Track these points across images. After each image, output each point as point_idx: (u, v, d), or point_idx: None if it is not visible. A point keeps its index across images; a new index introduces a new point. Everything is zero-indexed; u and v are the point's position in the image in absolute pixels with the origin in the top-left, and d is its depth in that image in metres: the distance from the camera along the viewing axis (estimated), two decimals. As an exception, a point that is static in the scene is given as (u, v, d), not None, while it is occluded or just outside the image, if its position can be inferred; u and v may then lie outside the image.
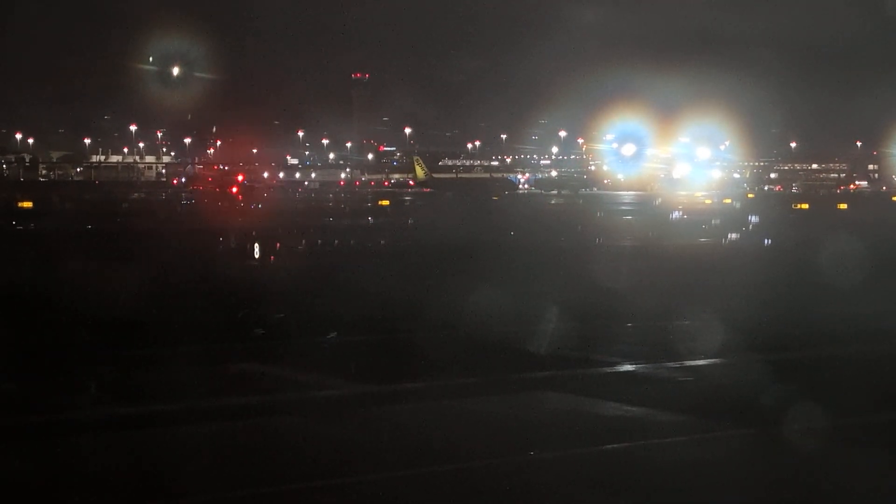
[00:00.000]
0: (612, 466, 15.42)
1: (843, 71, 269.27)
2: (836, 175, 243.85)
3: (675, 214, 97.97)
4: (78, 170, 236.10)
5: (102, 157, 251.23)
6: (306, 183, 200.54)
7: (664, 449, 16.37)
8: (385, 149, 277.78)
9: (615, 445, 16.47)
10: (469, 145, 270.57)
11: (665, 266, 46.43)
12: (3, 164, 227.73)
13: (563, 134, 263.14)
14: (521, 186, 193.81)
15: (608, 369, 22.63)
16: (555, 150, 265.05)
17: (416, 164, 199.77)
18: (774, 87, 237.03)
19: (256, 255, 52.74)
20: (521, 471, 15.00)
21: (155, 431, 17.13)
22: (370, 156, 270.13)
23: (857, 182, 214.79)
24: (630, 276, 40.94)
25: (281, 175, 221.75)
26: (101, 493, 14.13)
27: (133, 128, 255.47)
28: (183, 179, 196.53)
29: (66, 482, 14.61)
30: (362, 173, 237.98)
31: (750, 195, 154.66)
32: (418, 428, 17.42)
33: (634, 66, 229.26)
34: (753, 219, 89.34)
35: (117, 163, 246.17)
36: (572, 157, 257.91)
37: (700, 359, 23.39)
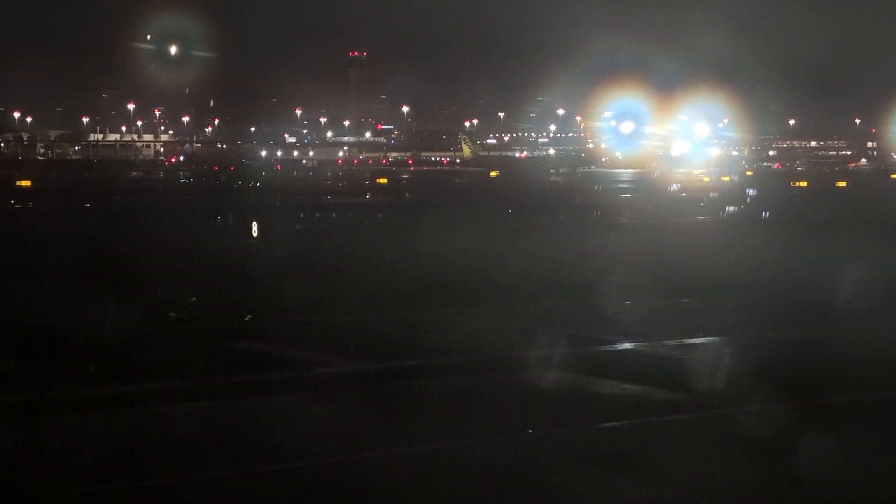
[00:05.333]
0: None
1: (839, 47, 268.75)
2: (836, 153, 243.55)
3: (673, 188, 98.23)
4: (76, 148, 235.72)
5: (100, 136, 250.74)
6: (304, 161, 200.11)
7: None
8: (382, 127, 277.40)
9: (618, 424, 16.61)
10: (466, 123, 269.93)
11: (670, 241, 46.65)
12: (1, 143, 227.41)
13: (561, 112, 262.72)
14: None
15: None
16: (553, 127, 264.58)
17: (463, 142, 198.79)
18: (773, 62, 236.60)
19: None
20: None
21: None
22: (368, 134, 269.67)
23: (858, 160, 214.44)
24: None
25: (279, 153, 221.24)
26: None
27: (131, 106, 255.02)
28: (181, 158, 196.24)
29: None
30: (360, 151, 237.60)
31: (749, 172, 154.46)
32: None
33: (633, 42, 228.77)
34: (750, 194, 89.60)
35: (115, 141, 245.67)
36: (570, 134, 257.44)
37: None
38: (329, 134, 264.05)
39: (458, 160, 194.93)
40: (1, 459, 14.50)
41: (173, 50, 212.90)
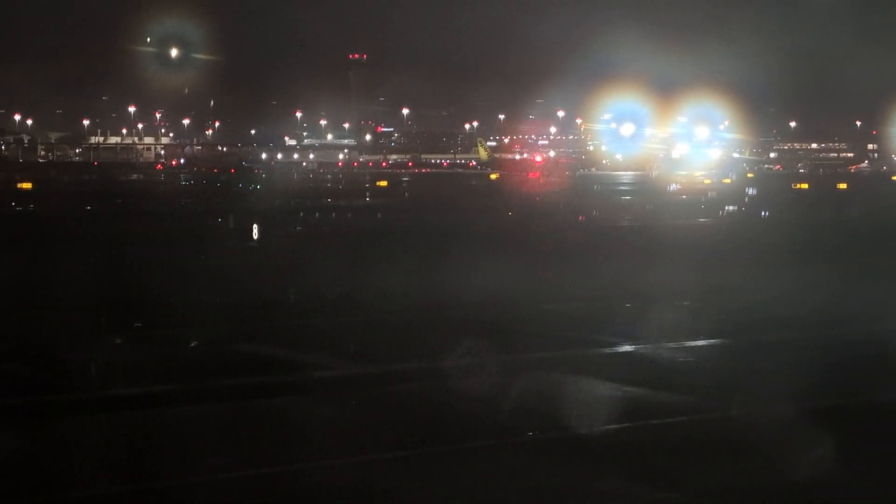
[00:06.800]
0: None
1: (841, 48, 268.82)
2: (836, 154, 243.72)
3: (672, 188, 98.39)
4: (77, 151, 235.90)
5: (101, 139, 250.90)
6: (304, 164, 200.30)
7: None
8: (382, 129, 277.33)
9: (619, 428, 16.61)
10: (466, 125, 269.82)
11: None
12: (1, 145, 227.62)
13: (561, 114, 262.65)
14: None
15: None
16: (553, 129, 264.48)
17: (478, 144, 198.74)
18: (773, 64, 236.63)
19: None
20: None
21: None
22: (368, 136, 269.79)
23: (859, 162, 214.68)
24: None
25: (279, 156, 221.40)
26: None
27: (132, 109, 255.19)
28: (182, 160, 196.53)
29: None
30: (360, 154, 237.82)
31: (749, 175, 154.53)
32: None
33: (633, 44, 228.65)
34: (749, 197, 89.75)
35: (116, 144, 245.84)
36: (570, 137, 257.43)
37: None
38: (329, 136, 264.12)
39: (473, 162, 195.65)
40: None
41: (174, 52, 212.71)
